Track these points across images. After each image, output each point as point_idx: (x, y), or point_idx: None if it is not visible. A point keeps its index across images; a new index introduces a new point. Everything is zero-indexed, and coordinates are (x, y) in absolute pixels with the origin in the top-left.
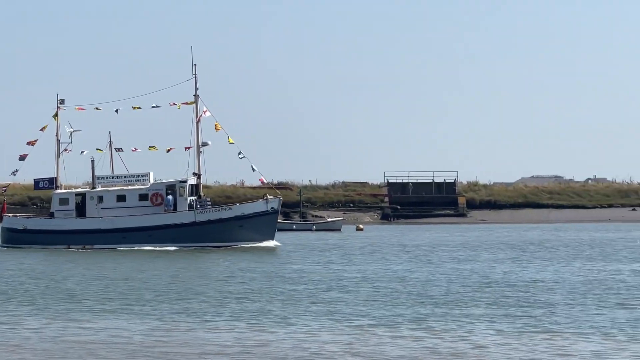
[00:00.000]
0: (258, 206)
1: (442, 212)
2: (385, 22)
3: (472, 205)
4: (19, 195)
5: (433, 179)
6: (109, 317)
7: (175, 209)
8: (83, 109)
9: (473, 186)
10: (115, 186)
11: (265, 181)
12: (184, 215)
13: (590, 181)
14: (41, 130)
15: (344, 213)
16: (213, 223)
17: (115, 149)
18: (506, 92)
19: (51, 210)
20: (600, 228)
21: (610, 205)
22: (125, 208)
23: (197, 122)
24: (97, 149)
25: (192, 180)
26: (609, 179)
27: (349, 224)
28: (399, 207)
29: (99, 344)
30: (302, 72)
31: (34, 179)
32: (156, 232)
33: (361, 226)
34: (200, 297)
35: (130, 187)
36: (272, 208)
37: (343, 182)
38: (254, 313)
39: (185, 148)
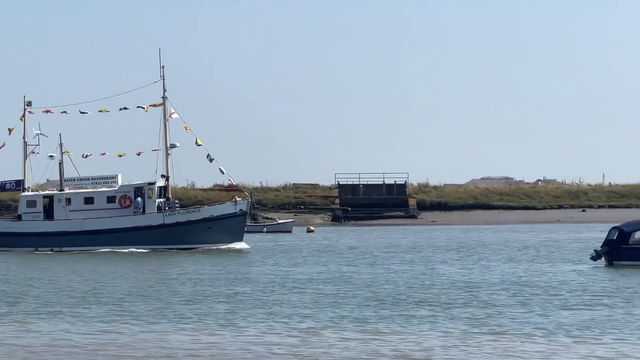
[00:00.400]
0: (226, 208)
1: (393, 213)
2: (331, 24)
3: (423, 206)
4: None
5: (384, 181)
6: (53, 319)
7: (144, 211)
8: (51, 112)
9: (424, 187)
10: (83, 188)
11: (234, 183)
12: (152, 218)
13: (540, 182)
14: (8, 131)
15: (295, 215)
16: (182, 225)
17: (83, 155)
18: (456, 93)
19: (19, 212)
20: (549, 229)
21: (560, 207)
22: (93, 210)
23: (165, 124)
24: (64, 152)
25: (161, 182)
26: (559, 180)
27: (300, 226)
28: (349, 208)
29: (42, 347)
30: (255, 74)
31: (1, 181)
32: (125, 234)
33: (312, 228)
34: (148, 299)
35: (98, 190)
36: (240, 210)
37: (294, 184)
38: (202, 315)
39: (153, 150)
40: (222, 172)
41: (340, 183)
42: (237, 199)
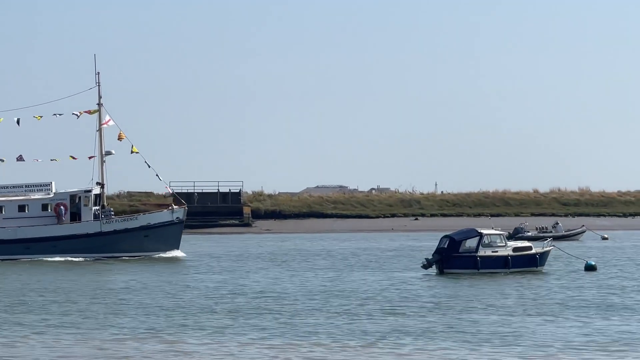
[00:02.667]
0: (164, 216)
1: (228, 222)
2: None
3: (257, 215)
4: None
5: (218, 189)
6: None
7: (78, 219)
8: None
9: (258, 196)
10: (16, 196)
11: (170, 190)
12: (89, 226)
13: (374, 191)
14: None
15: None
16: (119, 233)
17: (17, 158)
18: (291, 100)
19: None
20: (382, 237)
21: (393, 215)
22: (27, 218)
23: (100, 131)
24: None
25: (96, 190)
26: (392, 188)
27: None
28: None
29: None
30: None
31: None
32: (61, 242)
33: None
34: None
35: (32, 197)
36: (177, 218)
37: (128, 192)
38: None
39: (89, 157)
40: (160, 179)
41: (175, 191)
42: (174, 207)
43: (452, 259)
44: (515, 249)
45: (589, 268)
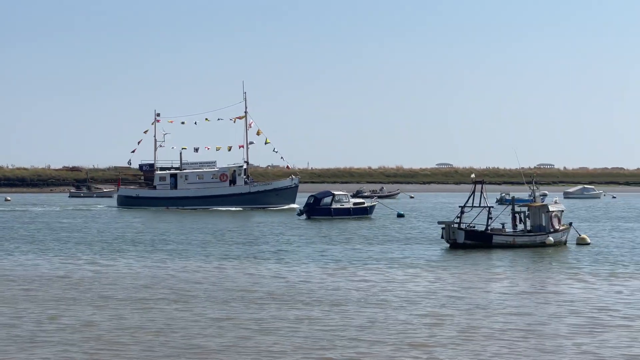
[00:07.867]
0: (286, 182)
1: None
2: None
3: None
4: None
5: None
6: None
7: (231, 185)
8: (172, 122)
9: None
10: (195, 169)
11: (290, 167)
12: (242, 188)
13: (263, 168)
14: (144, 132)
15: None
16: (260, 193)
17: (194, 148)
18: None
19: (154, 184)
20: None
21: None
22: (203, 183)
23: (246, 129)
24: (183, 148)
25: (245, 166)
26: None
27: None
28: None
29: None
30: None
31: (139, 164)
32: (224, 198)
33: None
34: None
35: (206, 170)
36: (294, 183)
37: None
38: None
39: (240, 146)
40: (283, 159)
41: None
42: (293, 176)
43: (315, 210)
44: (355, 204)
45: (400, 216)
